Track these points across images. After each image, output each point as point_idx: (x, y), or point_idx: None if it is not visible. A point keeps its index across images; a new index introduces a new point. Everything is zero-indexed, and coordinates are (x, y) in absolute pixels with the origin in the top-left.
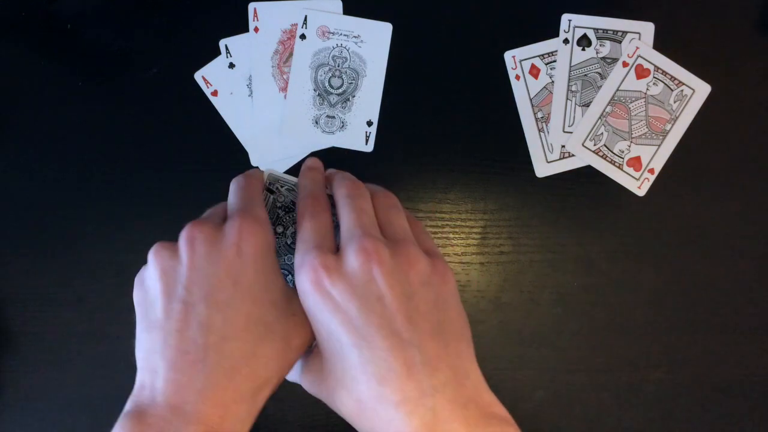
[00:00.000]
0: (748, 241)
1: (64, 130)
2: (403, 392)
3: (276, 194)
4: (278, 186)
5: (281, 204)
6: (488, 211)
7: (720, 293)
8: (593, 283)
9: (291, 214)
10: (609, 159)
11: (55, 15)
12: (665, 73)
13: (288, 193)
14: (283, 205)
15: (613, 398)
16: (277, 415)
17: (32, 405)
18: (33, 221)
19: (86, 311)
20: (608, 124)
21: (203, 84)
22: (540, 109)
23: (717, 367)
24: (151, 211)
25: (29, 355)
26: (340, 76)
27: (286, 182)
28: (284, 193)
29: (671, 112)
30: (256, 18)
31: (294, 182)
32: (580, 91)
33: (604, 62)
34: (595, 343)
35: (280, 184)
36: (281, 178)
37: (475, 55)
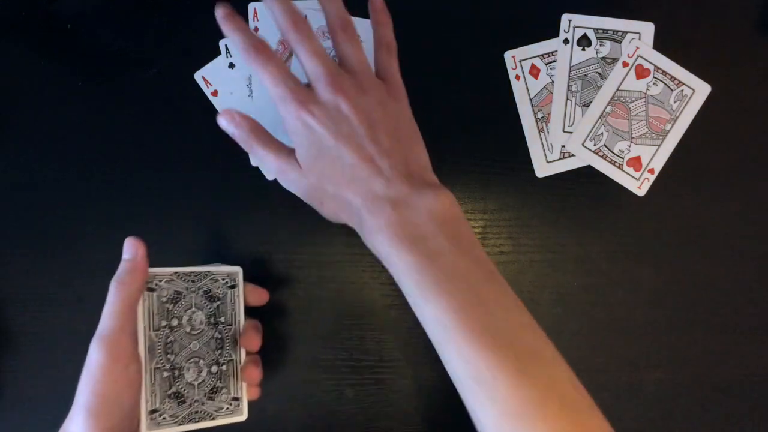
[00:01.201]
0: (748, 241)
1: (64, 130)
2: (367, 171)
3: (157, 290)
4: (156, 282)
5: (166, 298)
6: (488, 211)
7: (720, 293)
8: (593, 283)
9: (180, 302)
10: (609, 159)
11: (55, 15)
12: (665, 73)
13: (168, 284)
14: (168, 298)
15: (613, 398)
16: (278, 416)
17: (32, 405)
18: (33, 221)
19: (86, 311)
20: (608, 124)
21: (203, 84)
22: (540, 109)
23: (717, 367)
24: (151, 211)
25: (29, 355)
26: None
27: (163, 275)
28: (164, 286)
29: (671, 112)
30: (256, 18)
31: (171, 272)
32: (580, 91)
33: (604, 62)
34: (595, 343)
35: (158, 279)
36: (157, 272)
37: (475, 55)
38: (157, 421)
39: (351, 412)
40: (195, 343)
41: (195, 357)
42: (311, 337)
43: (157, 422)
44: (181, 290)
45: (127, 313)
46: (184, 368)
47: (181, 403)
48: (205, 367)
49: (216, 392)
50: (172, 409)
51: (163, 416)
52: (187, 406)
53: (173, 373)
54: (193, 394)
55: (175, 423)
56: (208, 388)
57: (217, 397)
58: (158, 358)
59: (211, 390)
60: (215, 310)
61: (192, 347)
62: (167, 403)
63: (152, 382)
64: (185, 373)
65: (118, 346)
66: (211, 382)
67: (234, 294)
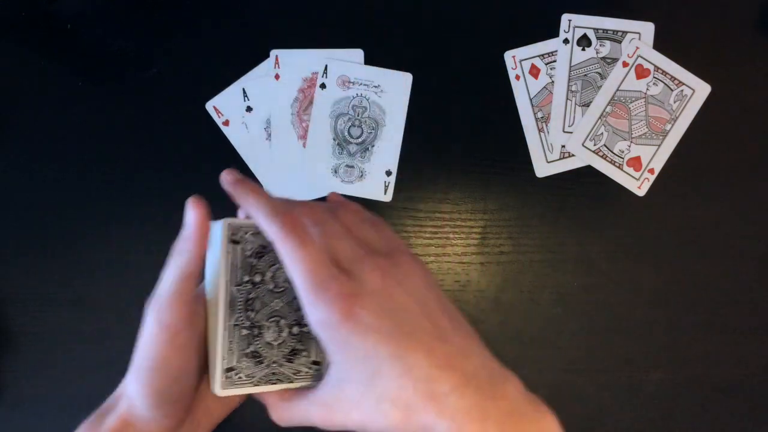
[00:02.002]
0: (748, 241)
1: (64, 130)
2: (451, 381)
3: (242, 243)
4: (242, 234)
5: (251, 252)
6: (488, 211)
7: (720, 293)
8: (593, 283)
9: (264, 257)
10: (609, 159)
11: (55, 15)
12: (665, 73)
13: (254, 237)
14: (253, 252)
15: (613, 398)
16: None
17: (32, 405)
18: (33, 221)
19: (86, 311)
20: (608, 124)
21: (214, 114)
22: (540, 109)
23: (717, 367)
24: (151, 211)
25: (29, 355)
26: (359, 125)
27: (249, 227)
28: (250, 239)
29: (671, 112)
30: (277, 65)
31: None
32: (580, 91)
33: (604, 62)
34: (595, 343)
35: (243, 231)
36: (242, 224)
37: (475, 55)
38: (233, 380)
39: None
40: (277, 302)
41: (276, 316)
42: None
43: (233, 381)
44: (266, 244)
45: (182, 280)
46: (264, 327)
47: (259, 363)
48: (285, 328)
49: (295, 354)
50: (248, 368)
51: (239, 375)
52: (264, 366)
53: (252, 332)
54: (272, 354)
55: (251, 384)
56: (288, 350)
57: (296, 360)
58: (238, 314)
59: (291, 352)
60: None
61: (274, 305)
62: (244, 362)
63: (230, 339)
64: (265, 333)
65: (170, 313)
66: (291, 344)
67: None
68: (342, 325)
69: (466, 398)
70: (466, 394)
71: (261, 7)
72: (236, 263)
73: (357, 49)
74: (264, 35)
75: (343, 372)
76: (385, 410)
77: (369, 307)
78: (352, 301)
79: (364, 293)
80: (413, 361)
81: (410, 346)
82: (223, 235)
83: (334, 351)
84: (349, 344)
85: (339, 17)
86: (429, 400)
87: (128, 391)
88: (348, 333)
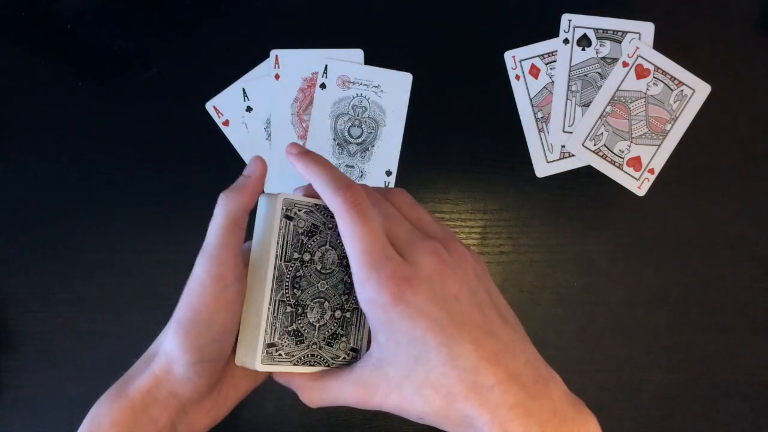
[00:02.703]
0: (748, 241)
1: (64, 130)
2: (496, 376)
3: (295, 220)
4: (296, 211)
5: (303, 229)
6: (488, 211)
7: (720, 293)
8: (593, 283)
9: (315, 237)
10: (609, 159)
11: (55, 15)
12: (665, 73)
13: (307, 216)
14: (305, 230)
15: (613, 398)
16: (277, 415)
17: (32, 405)
18: (33, 221)
19: (86, 311)
20: (608, 124)
21: (214, 114)
22: (540, 109)
23: (717, 367)
24: (151, 211)
25: (29, 355)
26: (359, 125)
27: (303, 204)
28: (303, 216)
29: (671, 112)
30: (277, 65)
31: (312, 203)
32: (580, 91)
33: (604, 62)
34: (595, 343)
35: (297, 208)
36: (297, 200)
37: (475, 55)
38: (273, 356)
39: (351, 412)
40: (323, 283)
41: (321, 297)
42: None
43: (272, 357)
44: (318, 224)
45: (231, 228)
46: (308, 307)
47: (299, 343)
48: (329, 310)
49: (336, 339)
50: (289, 346)
51: (279, 353)
52: (304, 346)
53: (296, 310)
54: (313, 335)
55: (290, 362)
56: (329, 333)
57: (336, 344)
58: (284, 290)
59: (332, 335)
60: None
61: (320, 286)
62: (285, 340)
63: (275, 314)
64: (308, 312)
65: (220, 263)
66: (333, 327)
67: None
68: (392, 308)
69: (509, 395)
70: (510, 390)
71: (261, 7)
72: (288, 239)
73: (357, 49)
74: (264, 35)
75: (387, 353)
76: (426, 395)
77: (421, 293)
78: (405, 284)
79: (418, 278)
80: (460, 351)
81: (459, 336)
82: (279, 209)
83: (380, 331)
84: (397, 327)
85: (339, 17)
86: (472, 392)
87: (165, 347)
88: (398, 316)
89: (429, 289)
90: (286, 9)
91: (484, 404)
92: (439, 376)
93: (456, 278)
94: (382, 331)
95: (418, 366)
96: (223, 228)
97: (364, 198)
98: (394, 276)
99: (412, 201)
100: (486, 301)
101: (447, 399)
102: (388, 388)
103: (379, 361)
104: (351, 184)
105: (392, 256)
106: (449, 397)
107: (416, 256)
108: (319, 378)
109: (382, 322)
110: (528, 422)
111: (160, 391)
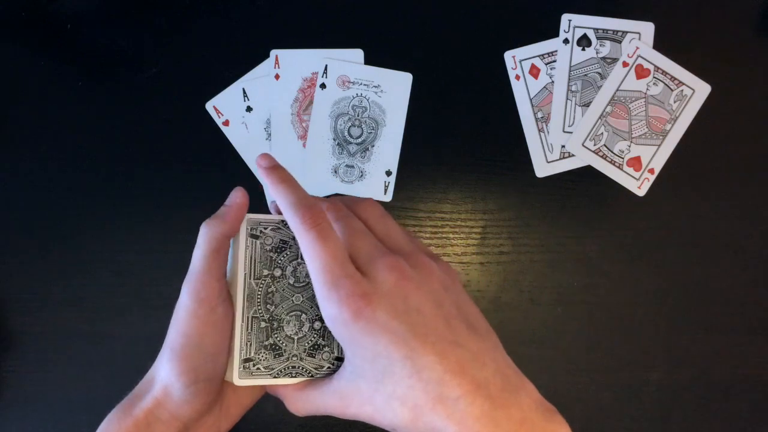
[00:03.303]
0: (748, 241)
1: (64, 130)
2: (462, 387)
3: (261, 238)
4: (261, 229)
5: (270, 246)
6: (488, 211)
7: (720, 293)
8: (593, 283)
9: (284, 252)
10: (609, 159)
11: (55, 15)
12: (665, 73)
13: (274, 232)
14: (273, 247)
15: (613, 398)
16: (277, 415)
17: (32, 405)
18: (33, 221)
19: (86, 311)
20: (608, 124)
21: (214, 114)
22: (540, 109)
23: (717, 367)
24: (151, 211)
25: (29, 355)
26: (359, 125)
27: (269, 222)
28: (270, 234)
29: (671, 112)
30: (277, 65)
31: (278, 220)
32: (580, 91)
33: (604, 62)
34: (595, 343)
35: (263, 226)
36: (262, 219)
37: (475, 55)
38: (251, 370)
39: None
40: (298, 296)
41: (297, 310)
42: None
43: (250, 372)
44: (287, 239)
45: (214, 255)
46: (284, 320)
47: (278, 356)
48: (307, 322)
49: (317, 349)
50: (267, 360)
51: (258, 367)
52: (284, 359)
53: (272, 324)
54: (292, 348)
55: (270, 375)
56: (309, 344)
57: (318, 355)
58: (257, 307)
59: (312, 347)
60: None
61: (294, 300)
62: (263, 354)
63: (248, 330)
64: (285, 326)
65: (204, 288)
66: (313, 339)
67: None
68: (353, 324)
69: (475, 406)
70: (476, 401)
71: (261, 7)
72: (255, 257)
73: (357, 49)
74: (264, 35)
75: (357, 367)
76: (394, 408)
77: (381, 308)
78: (364, 300)
79: (378, 293)
80: (424, 363)
81: (422, 348)
82: (244, 230)
83: (346, 347)
84: (360, 343)
85: (339, 17)
86: (438, 404)
87: (161, 374)
88: (359, 332)
89: (389, 303)
90: (286, 9)
91: (451, 416)
92: (406, 388)
93: (419, 291)
94: (347, 347)
95: (386, 379)
96: (206, 255)
97: (323, 218)
98: (353, 293)
99: (381, 212)
100: (452, 312)
101: (414, 411)
102: (362, 400)
103: (352, 374)
104: (312, 204)
105: (351, 274)
106: (416, 410)
107: (376, 272)
108: (303, 388)
109: (345, 339)
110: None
111: (162, 413)
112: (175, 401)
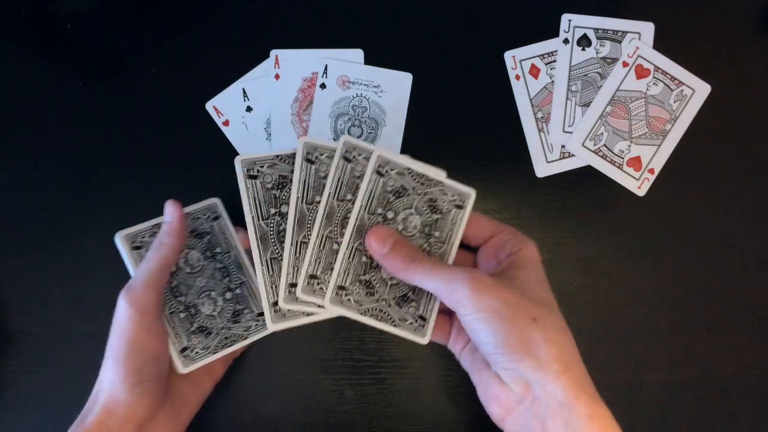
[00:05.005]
0: (748, 241)
1: (64, 130)
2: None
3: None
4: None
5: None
6: (488, 211)
7: (720, 293)
8: (593, 283)
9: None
10: (609, 159)
11: (55, 15)
12: (665, 73)
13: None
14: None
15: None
16: (277, 415)
17: (32, 405)
18: (33, 221)
19: (86, 311)
20: (608, 124)
21: (214, 114)
22: (540, 109)
23: (717, 367)
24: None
25: (29, 355)
26: (359, 125)
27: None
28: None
29: (671, 112)
30: (277, 65)
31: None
32: (580, 91)
33: (604, 62)
34: (595, 343)
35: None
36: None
37: (475, 55)
38: (191, 356)
39: (351, 412)
40: (200, 280)
41: (205, 291)
42: (311, 336)
43: (191, 358)
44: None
45: (162, 271)
46: (198, 304)
47: (208, 335)
48: (218, 297)
49: (239, 315)
50: (200, 342)
51: (195, 351)
52: (214, 335)
53: (189, 312)
54: (217, 323)
55: (209, 353)
56: (230, 314)
57: (242, 319)
58: (169, 303)
59: (233, 314)
60: (207, 244)
61: (198, 284)
62: (194, 339)
63: (173, 325)
64: (201, 308)
65: (143, 299)
66: (230, 308)
67: (220, 223)
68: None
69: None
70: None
71: (261, 7)
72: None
73: (357, 49)
74: (264, 35)
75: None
76: (524, 359)
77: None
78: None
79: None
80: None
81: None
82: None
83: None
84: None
85: (339, 17)
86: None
87: (105, 382)
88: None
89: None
90: (286, 9)
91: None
92: (535, 347)
93: None
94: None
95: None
96: (154, 271)
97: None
98: (479, 278)
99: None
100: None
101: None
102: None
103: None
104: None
105: (474, 269)
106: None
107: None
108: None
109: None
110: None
111: (113, 421)
112: (124, 404)
